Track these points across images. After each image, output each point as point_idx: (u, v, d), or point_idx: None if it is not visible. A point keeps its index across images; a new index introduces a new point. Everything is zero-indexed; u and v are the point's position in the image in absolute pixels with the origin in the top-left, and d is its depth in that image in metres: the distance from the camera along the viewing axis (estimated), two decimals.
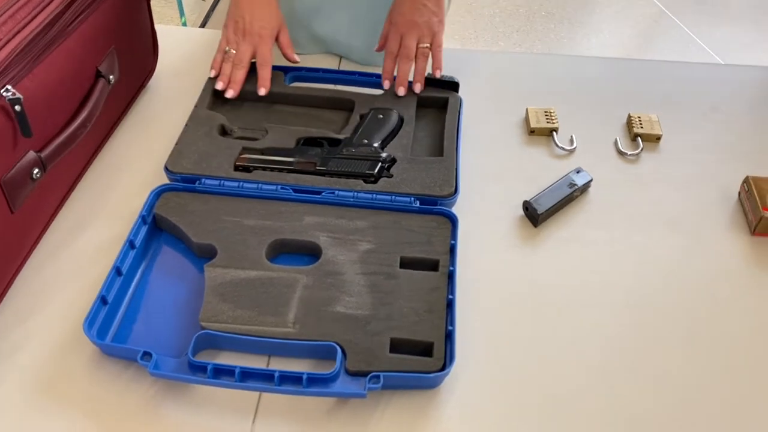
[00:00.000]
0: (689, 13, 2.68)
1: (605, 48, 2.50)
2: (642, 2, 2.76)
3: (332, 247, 0.68)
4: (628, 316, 0.67)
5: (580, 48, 2.49)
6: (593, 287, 0.69)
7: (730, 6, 2.76)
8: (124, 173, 0.79)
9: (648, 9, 2.72)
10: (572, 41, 2.52)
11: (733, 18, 2.70)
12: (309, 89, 0.87)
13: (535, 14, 2.64)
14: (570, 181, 0.78)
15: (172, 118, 0.85)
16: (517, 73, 0.98)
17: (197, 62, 0.95)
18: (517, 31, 2.54)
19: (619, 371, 0.62)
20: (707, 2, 2.77)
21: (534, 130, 0.87)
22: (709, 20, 2.65)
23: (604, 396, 0.60)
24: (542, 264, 0.72)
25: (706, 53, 2.48)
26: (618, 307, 0.68)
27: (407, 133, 0.80)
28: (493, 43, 2.47)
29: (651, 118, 0.88)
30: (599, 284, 0.70)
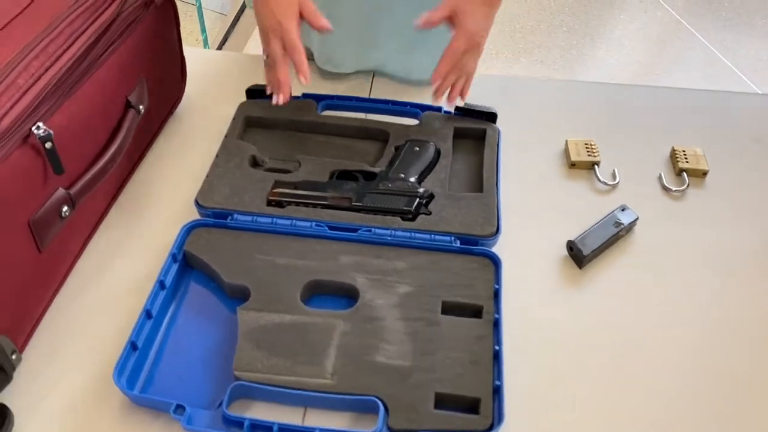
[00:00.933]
0: (711, 30, 2.64)
1: (628, 65, 2.47)
2: (663, 17, 2.73)
3: (370, 289, 0.65)
4: (685, 366, 0.64)
5: (603, 65, 2.46)
6: (644, 335, 0.66)
7: (754, 24, 2.72)
8: (152, 206, 0.76)
9: (670, 25, 2.69)
10: (594, 58, 2.49)
11: (758, 35, 2.66)
12: (342, 119, 0.84)
13: (556, 29, 2.61)
14: (615, 219, 0.75)
15: (201, 147, 0.83)
16: (554, 101, 0.95)
17: (224, 87, 0.93)
18: (538, 47, 2.51)
19: (678, 426, 0.59)
20: (730, 18, 2.74)
21: (575, 163, 0.84)
22: (733, 37, 2.62)
23: None
24: (590, 309, 0.68)
25: (729, 69, 2.44)
26: (671, 356, 0.64)
27: (444, 166, 0.78)
28: (514, 60, 2.44)
29: (696, 151, 0.84)
30: (650, 331, 0.66)
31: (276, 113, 0.84)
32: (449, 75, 0.79)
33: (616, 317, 0.68)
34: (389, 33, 0.90)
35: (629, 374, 0.63)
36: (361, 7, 0.88)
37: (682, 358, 0.65)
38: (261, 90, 0.85)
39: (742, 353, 0.65)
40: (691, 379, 0.63)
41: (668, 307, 0.69)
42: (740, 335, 0.67)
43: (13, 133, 0.53)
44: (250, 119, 0.83)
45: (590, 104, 0.94)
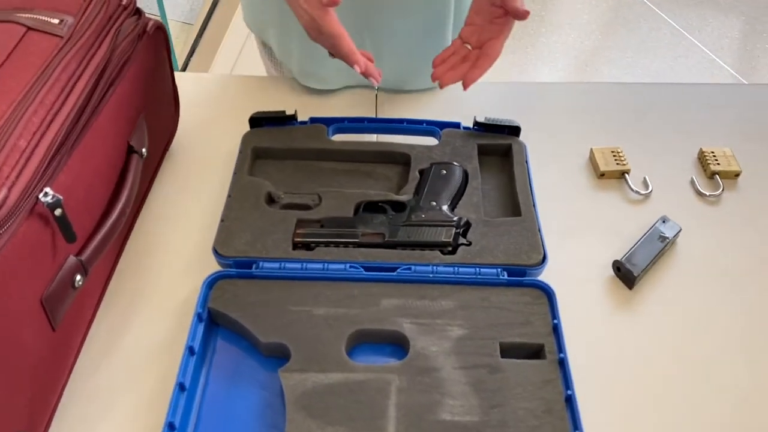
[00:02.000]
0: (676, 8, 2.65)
1: (599, 50, 2.45)
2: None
3: (420, 335, 0.60)
4: None
5: (571, 50, 2.44)
6: (711, 354, 0.63)
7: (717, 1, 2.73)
8: (162, 258, 0.69)
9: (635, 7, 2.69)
10: (565, 44, 2.47)
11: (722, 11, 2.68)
12: (357, 144, 0.78)
13: None
14: (659, 233, 0.71)
15: (206, 186, 0.76)
16: (573, 106, 0.90)
17: (221, 114, 0.86)
18: None
19: None
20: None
21: (604, 173, 0.80)
22: (697, 14, 2.63)
23: None
24: (649, 333, 0.65)
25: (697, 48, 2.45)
26: (743, 371, 0.61)
27: (475, 189, 0.73)
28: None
29: (725, 152, 0.81)
30: (717, 350, 0.63)
31: (285, 142, 0.77)
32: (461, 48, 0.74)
33: (677, 339, 0.64)
34: (379, 43, 0.85)
35: (707, 399, 0.59)
36: (348, 17, 0.82)
37: (754, 371, 0.61)
38: (266, 117, 0.78)
39: None
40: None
41: (725, 318, 0.66)
42: None
43: (21, 206, 0.46)
44: (258, 150, 0.77)
45: (608, 107, 0.90)
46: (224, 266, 0.65)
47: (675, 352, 0.63)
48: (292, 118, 0.79)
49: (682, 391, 0.60)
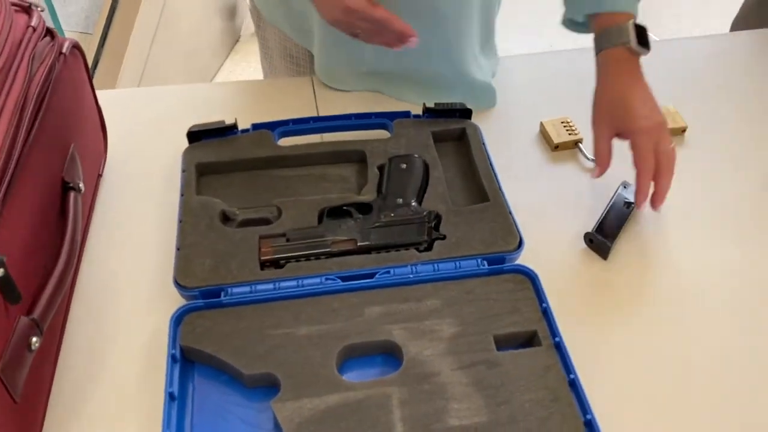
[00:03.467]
0: None
1: None
2: None
3: (411, 340, 0.58)
4: None
5: None
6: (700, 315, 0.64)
7: None
8: (116, 298, 0.64)
9: None
10: None
11: None
12: (308, 146, 0.74)
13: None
14: (623, 199, 0.72)
15: (148, 210, 0.71)
16: (515, 80, 0.90)
17: (150, 130, 0.80)
18: None
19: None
20: None
21: (558, 145, 0.79)
22: None
23: None
24: (634, 302, 0.65)
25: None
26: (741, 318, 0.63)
27: (438, 179, 0.70)
28: None
29: (669, 109, 0.82)
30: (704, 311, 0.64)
31: (230, 154, 0.72)
32: (659, 181, 0.68)
33: (663, 301, 0.65)
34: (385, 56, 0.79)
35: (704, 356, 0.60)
36: None
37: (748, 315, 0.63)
38: (205, 130, 0.73)
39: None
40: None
41: (704, 273, 0.67)
42: None
43: None
44: (202, 167, 0.71)
45: (550, 77, 0.90)
46: (189, 298, 0.60)
47: (664, 315, 0.63)
48: (233, 127, 0.74)
49: (681, 353, 0.61)
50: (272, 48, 0.92)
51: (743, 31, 1.01)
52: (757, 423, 0.56)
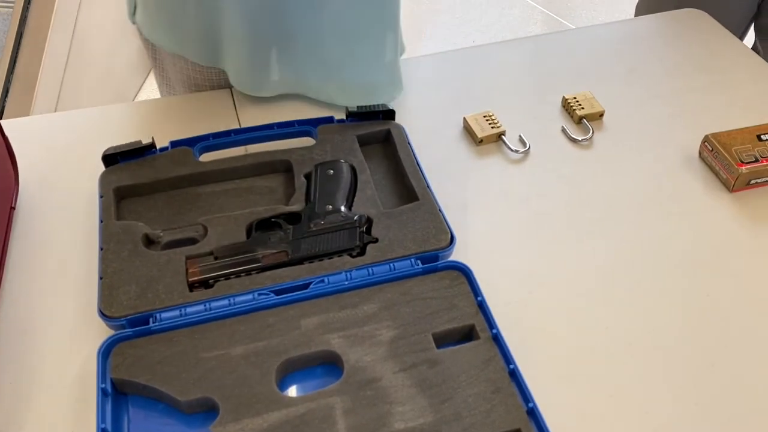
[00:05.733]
0: None
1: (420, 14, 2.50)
2: None
3: (351, 348, 0.57)
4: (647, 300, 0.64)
5: None
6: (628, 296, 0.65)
7: None
8: (39, 334, 0.60)
9: None
10: None
11: None
12: (230, 160, 0.72)
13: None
14: None
15: (67, 240, 0.68)
16: (435, 77, 0.90)
17: (62, 157, 0.77)
18: None
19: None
20: None
21: (482, 139, 0.80)
22: None
23: None
24: (567, 287, 0.66)
25: None
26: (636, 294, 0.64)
27: (366, 182, 0.70)
28: None
29: (586, 95, 0.85)
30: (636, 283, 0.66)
31: (149, 175, 0.70)
32: None
33: (595, 284, 0.66)
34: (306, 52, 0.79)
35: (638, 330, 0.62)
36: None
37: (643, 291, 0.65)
38: (121, 152, 0.70)
39: (693, 275, 0.66)
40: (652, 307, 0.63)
41: (620, 251, 0.68)
42: (687, 260, 0.68)
43: None
44: (121, 190, 0.69)
45: (468, 73, 0.91)
46: (117, 328, 0.58)
47: (595, 299, 0.65)
48: (151, 146, 0.72)
49: (617, 334, 0.62)
50: (174, 80, 0.89)
51: (647, 15, 1.04)
52: (697, 403, 0.58)
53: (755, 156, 0.73)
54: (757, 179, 0.73)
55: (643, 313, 0.63)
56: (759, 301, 0.65)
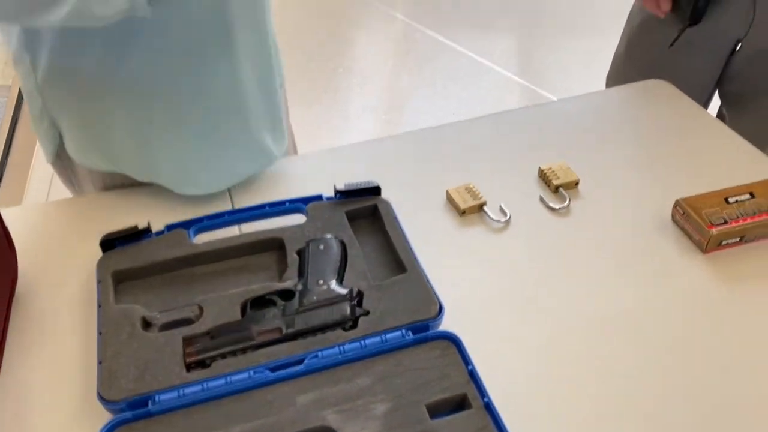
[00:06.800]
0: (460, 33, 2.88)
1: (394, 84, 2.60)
2: (388, 18, 2.92)
3: (346, 423, 0.58)
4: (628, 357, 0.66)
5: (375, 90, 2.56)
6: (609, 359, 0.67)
7: (491, 21, 3.02)
8: (38, 420, 0.61)
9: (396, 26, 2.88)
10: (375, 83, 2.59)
11: (498, 30, 2.96)
12: (224, 240, 0.75)
13: None
14: None
15: (66, 324, 0.69)
16: (415, 153, 0.95)
17: (61, 244, 0.79)
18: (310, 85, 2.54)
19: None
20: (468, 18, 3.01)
21: (465, 210, 0.83)
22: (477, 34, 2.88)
23: None
24: (555, 357, 0.68)
25: (484, 65, 2.68)
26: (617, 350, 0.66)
27: (356, 257, 0.72)
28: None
29: (561, 165, 0.89)
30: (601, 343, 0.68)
31: (146, 258, 0.72)
32: None
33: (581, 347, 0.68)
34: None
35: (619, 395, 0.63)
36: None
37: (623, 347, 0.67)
38: (118, 237, 0.73)
39: (669, 336, 0.69)
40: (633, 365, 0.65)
41: (600, 315, 0.71)
42: (663, 322, 0.71)
43: None
44: (118, 275, 0.71)
45: (448, 148, 0.96)
46: (116, 411, 0.59)
47: (580, 362, 0.67)
48: (147, 231, 0.74)
49: (601, 394, 0.64)
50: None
51: (616, 87, 1.11)
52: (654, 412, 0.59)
53: (724, 218, 0.77)
54: (728, 240, 0.77)
55: (625, 374, 0.66)
56: (736, 361, 0.67)
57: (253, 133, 0.85)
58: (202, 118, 0.80)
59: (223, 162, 0.85)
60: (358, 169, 0.90)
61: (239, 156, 0.86)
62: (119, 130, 0.80)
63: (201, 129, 0.81)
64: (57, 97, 0.80)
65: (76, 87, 0.77)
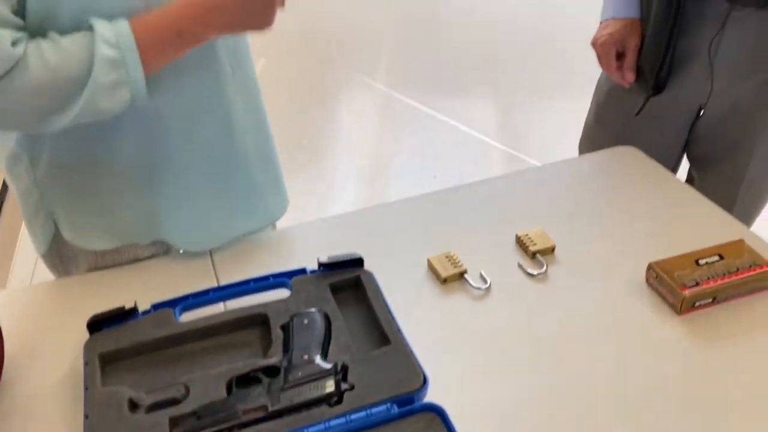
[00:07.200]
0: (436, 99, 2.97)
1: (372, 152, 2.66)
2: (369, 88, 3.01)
3: None
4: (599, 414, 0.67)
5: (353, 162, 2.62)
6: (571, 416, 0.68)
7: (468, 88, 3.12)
8: None
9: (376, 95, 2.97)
10: None
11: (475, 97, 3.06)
12: (209, 318, 0.76)
13: None
14: None
15: (54, 409, 0.69)
16: (397, 223, 0.97)
17: (46, 327, 0.80)
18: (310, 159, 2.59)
19: None
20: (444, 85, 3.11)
21: (446, 279, 0.86)
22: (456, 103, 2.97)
23: None
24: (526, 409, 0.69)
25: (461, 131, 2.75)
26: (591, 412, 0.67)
27: (340, 329, 0.74)
28: None
29: (537, 232, 0.92)
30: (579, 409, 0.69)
31: (132, 338, 0.73)
32: None
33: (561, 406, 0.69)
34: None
35: None
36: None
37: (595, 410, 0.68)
38: (105, 318, 0.74)
39: (647, 398, 0.70)
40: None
41: (574, 377, 0.72)
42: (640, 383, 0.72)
43: None
44: (105, 356, 0.71)
45: (429, 217, 0.99)
46: None
47: (565, 427, 0.68)
48: (133, 311, 0.75)
49: None
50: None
51: (588, 154, 1.15)
52: None
53: (696, 280, 0.79)
54: (700, 301, 0.79)
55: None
56: (713, 420, 0.68)
57: (257, 193, 0.89)
58: (207, 183, 0.84)
59: (227, 221, 0.89)
60: (341, 239, 0.93)
61: (242, 215, 0.89)
62: (125, 206, 0.83)
63: (206, 192, 0.85)
64: (57, 189, 0.83)
65: (78, 176, 0.81)
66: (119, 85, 0.67)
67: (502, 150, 2.66)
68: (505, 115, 2.94)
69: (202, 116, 0.80)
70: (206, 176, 0.84)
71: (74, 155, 0.78)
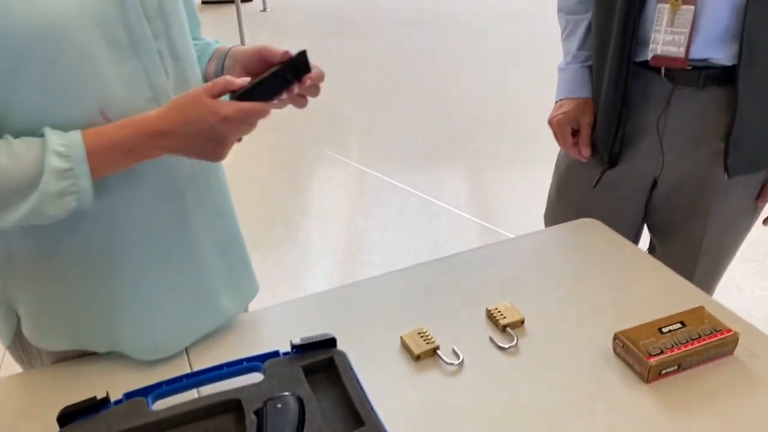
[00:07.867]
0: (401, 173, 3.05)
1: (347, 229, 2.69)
2: (341, 165, 3.08)
3: None
4: None
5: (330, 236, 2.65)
6: None
7: (439, 160, 3.21)
8: None
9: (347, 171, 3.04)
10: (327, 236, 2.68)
11: (447, 170, 3.14)
12: (182, 405, 0.75)
13: None
14: None
15: None
16: (368, 301, 0.99)
17: (11, 421, 0.78)
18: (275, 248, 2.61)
19: None
20: (412, 160, 3.20)
21: (419, 355, 0.87)
22: (425, 177, 3.05)
23: None
24: None
25: (431, 203, 2.81)
26: None
27: (313, 412, 0.74)
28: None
29: (506, 306, 0.94)
30: None
31: (105, 429, 0.72)
32: None
33: None
34: None
35: None
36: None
37: None
38: (77, 410, 0.73)
39: None
40: None
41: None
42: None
43: None
44: None
45: (400, 293, 1.00)
46: None
47: None
48: (105, 401, 0.75)
49: None
50: None
51: (553, 226, 1.20)
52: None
53: (660, 348, 0.82)
54: (667, 369, 0.81)
55: None
56: None
57: (212, 293, 0.89)
58: (162, 281, 0.84)
59: (184, 323, 0.87)
60: (314, 319, 0.94)
61: (199, 316, 0.89)
62: (81, 306, 0.82)
63: (161, 292, 0.84)
64: (16, 282, 0.82)
65: (34, 269, 0.80)
66: (66, 194, 0.69)
67: (473, 221, 2.72)
68: (474, 187, 3.02)
69: (158, 211, 0.81)
70: (161, 274, 0.84)
71: (31, 246, 0.78)
